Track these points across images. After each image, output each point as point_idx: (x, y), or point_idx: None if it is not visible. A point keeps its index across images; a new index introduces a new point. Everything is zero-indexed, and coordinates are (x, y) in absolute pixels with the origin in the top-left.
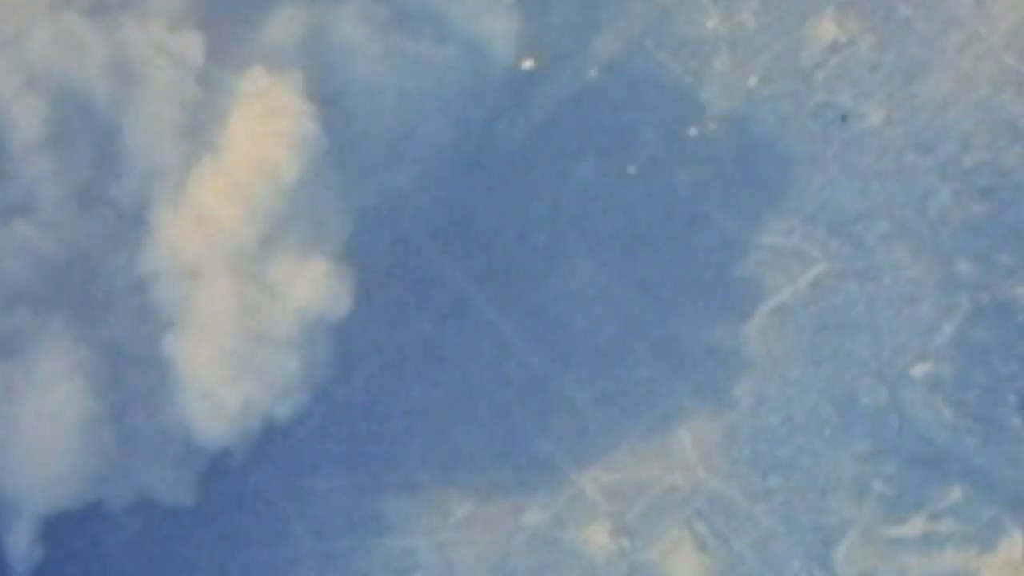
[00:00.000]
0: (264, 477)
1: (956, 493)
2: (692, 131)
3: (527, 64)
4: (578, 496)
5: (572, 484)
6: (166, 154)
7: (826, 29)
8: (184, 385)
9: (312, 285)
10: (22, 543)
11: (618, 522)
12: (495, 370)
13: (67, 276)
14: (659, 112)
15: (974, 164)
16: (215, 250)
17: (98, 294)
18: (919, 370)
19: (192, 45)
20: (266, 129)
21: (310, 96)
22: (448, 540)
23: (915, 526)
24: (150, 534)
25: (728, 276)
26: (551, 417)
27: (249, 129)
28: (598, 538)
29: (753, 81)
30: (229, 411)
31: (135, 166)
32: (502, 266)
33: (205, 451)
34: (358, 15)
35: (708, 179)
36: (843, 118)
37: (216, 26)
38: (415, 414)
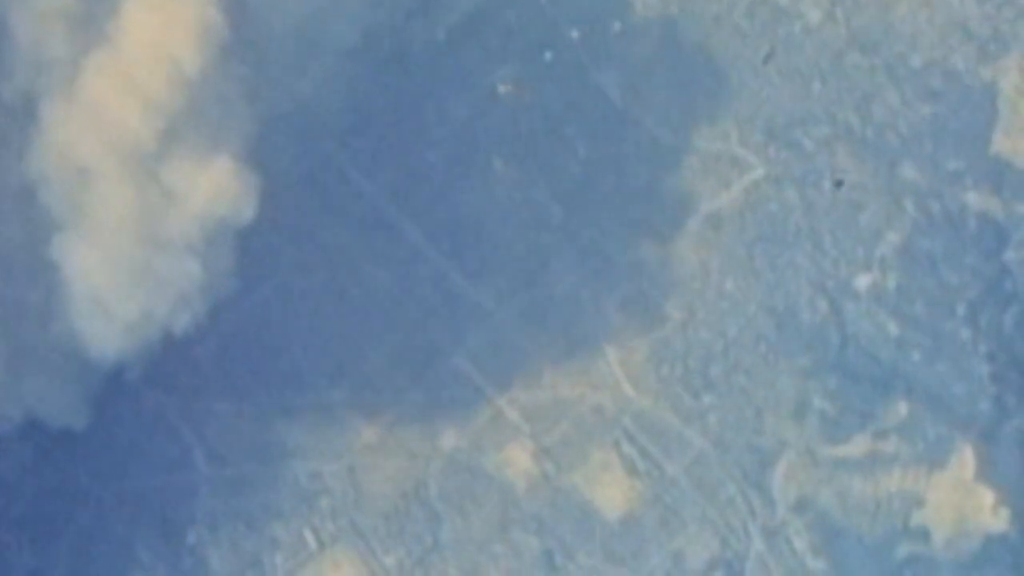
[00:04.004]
0: (161, 398)
1: (902, 410)
2: (617, 27)
3: None
4: (497, 417)
5: (491, 405)
6: (56, 46)
7: None
8: (75, 294)
9: (214, 187)
10: None
11: (540, 445)
12: (408, 283)
13: None
14: (583, 8)
15: (922, 65)
16: (109, 148)
17: None
18: (862, 281)
19: None
20: (163, 17)
21: None
22: (358, 464)
23: (858, 446)
24: (41, 459)
25: (658, 183)
26: (468, 333)
27: (145, 18)
28: (519, 462)
29: None
30: (124, 322)
31: (23, 59)
32: (416, 174)
33: (98, 368)
34: None
35: (636, 80)
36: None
37: None
38: (322, 331)
